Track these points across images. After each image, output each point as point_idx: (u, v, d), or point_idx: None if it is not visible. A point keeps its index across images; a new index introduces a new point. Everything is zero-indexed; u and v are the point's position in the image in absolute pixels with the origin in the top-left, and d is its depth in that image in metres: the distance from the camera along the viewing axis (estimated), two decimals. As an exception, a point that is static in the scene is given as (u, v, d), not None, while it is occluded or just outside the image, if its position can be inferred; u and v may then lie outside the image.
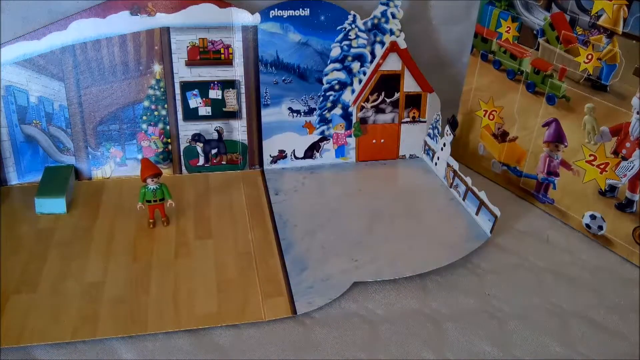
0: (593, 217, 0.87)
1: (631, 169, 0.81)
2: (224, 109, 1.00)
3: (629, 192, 0.82)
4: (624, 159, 0.81)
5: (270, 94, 1.00)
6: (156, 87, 0.97)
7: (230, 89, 0.99)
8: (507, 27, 0.94)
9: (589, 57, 0.83)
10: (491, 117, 0.99)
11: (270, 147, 1.03)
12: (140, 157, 1.00)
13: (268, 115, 1.01)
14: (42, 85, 0.93)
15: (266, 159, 1.04)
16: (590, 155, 0.86)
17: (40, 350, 0.67)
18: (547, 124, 0.91)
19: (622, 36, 0.78)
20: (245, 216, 0.91)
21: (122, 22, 0.92)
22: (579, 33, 0.84)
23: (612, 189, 0.84)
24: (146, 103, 0.97)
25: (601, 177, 0.85)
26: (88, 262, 0.79)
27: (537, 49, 0.90)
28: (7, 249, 0.81)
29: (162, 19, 0.93)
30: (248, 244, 0.84)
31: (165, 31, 0.94)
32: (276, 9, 0.95)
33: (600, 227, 0.87)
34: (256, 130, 1.02)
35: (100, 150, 0.98)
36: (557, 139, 0.90)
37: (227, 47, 0.96)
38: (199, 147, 1.01)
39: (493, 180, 1.02)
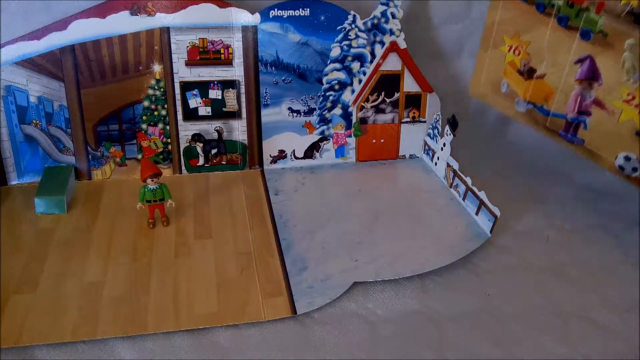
0: (627, 158, 0.83)
1: None
2: (224, 109, 1.00)
3: None
4: None
5: (270, 94, 1.00)
6: (156, 87, 0.97)
7: (230, 89, 0.99)
8: None
9: None
10: (517, 52, 0.94)
11: (270, 147, 1.03)
12: (140, 157, 1.00)
13: (268, 115, 1.01)
14: (42, 85, 0.93)
15: (266, 159, 1.04)
16: (628, 94, 0.80)
17: (40, 350, 0.67)
18: (580, 61, 0.85)
19: None
20: (245, 216, 0.91)
21: (122, 22, 0.92)
22: None
23: None
24: (146, 103, 0.97)
25: (639, 117, 0.79)
26: (88, 262, 0.79)
27: None
28: (7, 249, 0.81)
29: (162, 19, 0.93)
30: (248, 243, 0.84)
31: (165, 31, 0.94)
32: (276, 9, 0.95)
33: (635, 169, 0.82)
34: (256, 130, 1.02)
35: (100, 150, 0.98)
36: (591, 76, 0.84)
37: (227, 47, 0.96)
38: (199, 147, 1.01)
39: (516, 119, 0.98)
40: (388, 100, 1.05)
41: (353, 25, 0.98)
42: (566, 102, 0.89)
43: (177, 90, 0.97)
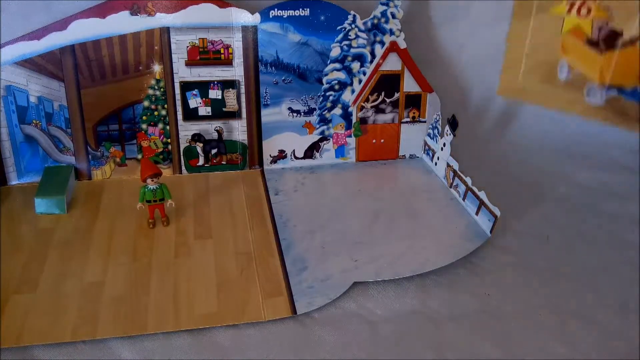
0: None
1: None
2: (224, 109, 1.00)
3: None
4: None
5: (270, 94, 1.00)
6: (156, 87, 0.97)
7: (230, 89, 0.99)
8: None
9: None
10: (585, 11, 0.60)
11: (270, 147, 1.03)
12: (140, 157, 1.00)
13: (268, 115, 1.01)
14: (42, 85, 0.93)
15: (266, 159, 1.04)
16: None
17: (40, 350, 0.67)
18: None
19: None
20: (245, 216, 0.91)
21: (122, 22, 0.92)
22: None
23: None
24: (146, 103, 0.97)
25: None
26: (88, 262, 0.79)
27: None
28: (7, 249, 0.81)
29: (162, 19, 0.93)
30: (248, 243, 0.84)
31: (165, 31, 0.94)
32: (276, 9, 0.95)
33: None
34: (256, 130, 1.02)
35: (100, 150, 0.98)
36: None
37: (227, 47, 0.96)
38: (199, 147, 1.01)
39: (588, 116, 0.67)
40: (388, 100, 1.05)
41: (353, 25, 0.98)
42: None
43: (177, 90, 0.97)
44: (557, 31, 0.60)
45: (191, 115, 0.99)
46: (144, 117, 0.98)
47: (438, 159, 1.02)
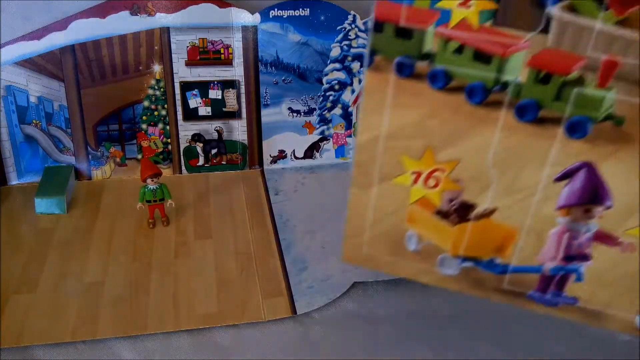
0: None
1: None
2: (224, 109, 1.00)
3: None
4: None
5: (270, 94, 1.00)
6: (156, 87, 0.97)
7: (230, 89, 0.99)
8: None
9: None
10: (432, 182, 0.53)
11: (270, 147, 1.03)
12: (140, 157, 1.00)
13: (268, 115, 1.01)
14: (42, 85, 0.93)
15: (266, 159, 1.04)
16: None
17: (40, 350, 0.67)
18: (566, 176, 0.49)
19: None
20: (245, 216, 0.91)
21: (122, 22, 0.92)
22: None
23: None
24: (146, 103, 0.97)
25: None
26: (88, 262, 0.79)
27: (545, 30, 0.43)
28: (7, 249, 0.81)
29: (162, 19, 0.93)
30: (248, 244, 0.84)
31: (165, 31, 0.94)
32: (276, 9, 0.95)
33: None
34: (256, 130, 1.02)
35: (100, 150, 0.98)
36: (591, 198, 0.50)
37: (227, 47, 0.96)
38: (199, 147, 1.01)
39: (442, 287, 0.61)
40: (388, 100, 1.05)
41: (353, 25, 0.98)
42: (539, 247, 0.54)
43: (177, 90, 0.97)
44: (403, 201, 0.54)
45: (191, 115, 0.99)
46: (144, 117, 0.98)
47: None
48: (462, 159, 0.51)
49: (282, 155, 1.04)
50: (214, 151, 1.02)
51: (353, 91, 1.03)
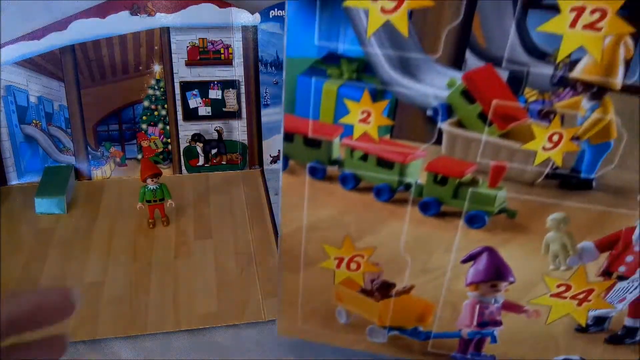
0: None
1: (634, 289, 0.55)
2: (223, 109, 1.00)
3: (630, 318, 0.58)
4: (622, 278, 0.55)
5: (270, 94, 1.00)
6: (156, 87, 0.97)
7: (230, 89, 0.99)
8: (365, 111, 0.47)
9: (555, 138, 0.47)
10: (354, 265, 0.59)
11: (270, 147, 1.03)
12: (140, 157, 1.00)
13: (268, 115, 1.01)
14: (42, 85, 0.93)
15: (266, 159, 1.04)
16: (559, 286, 0.56)
17: (40, 350, 0.67)
18: (471, 258, 0.57)
19: (622, 92, 0.43)
20: (245, 216, 0.91)
21: (122, 22, 0.92)
22: (531, 99, 0.45)
23: (600, 321, 0.59)
24: (146, 103, 0.97)
25: (580, 309, 0.57)
26: (88, 262, 0.79)
27: (438, 142, 0.49)
28: (7, 249, 0.81)
29: (162, 19, 0.93)
30: (248, 244, 0.84)
31: (165, 31, 0.94)
32: (276, 9, 0.95)
33: None
34: (256, 130, 1.02)
35: (100, 150, 0.98)
36: (495, 275, 0.57)
37: (227, 47, 0.96)
38: (199, 147, 1.01)
39: (375, 352, 0.65)
40: (388, 101, 1.05)
41: (353, 25, 0.98)
42: (456, 316, 0.60)
43: (177, 90, 0.97)
44: (330, 282, 0.60)
45: (191, 115, 0.99)
46: (144, 117, 0.98)
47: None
48: (378, 246, 0.56)
49: (282, 155, 1.04)
50: (214, 151, 1.02)
51: (353, 91, 1.03)
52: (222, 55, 0.97)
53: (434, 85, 0.42)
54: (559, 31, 0.38)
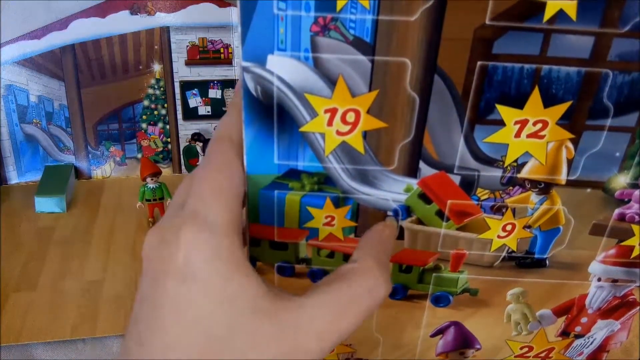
0: None
1: (590, 344, 0.60)
2: (223, 109, 1.00)
3: None
4: (579, 336, 0.60)
5: (270, 93, 1.00)
6: (156, 87, 0.97)
7: (230, 89, 0.99)
8: (328, 216, 0.52)
9: (508, 228, 0.52)
10: None
11: (269, 146, 1.03)
12: (140, 156, 1.00)
13: (267, 115, 1.01)
14: (42, 84, 0.93)
15: (266, 158, 1.04)
16: (522, 347, 0.61)
17: (40, 348, 0.67)
18: (440, 332, 0.61)
19: (566, 186, 0.49)
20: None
21: (122, 22, 0.92)
22: (483, 198, 0.50)
23: None
24: (146, 102, 0.97)
25: None
26: (88, 261, 0.79)
27: (401, 237, 0.53)
28: (7, 248, 0.81)
29: (161, 19, 0.93)
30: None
31: (165, 31, 0.94)
32: (276, 9, 0.96)
33: None
34: (256, 129, 1.02)
35: (100, 149, 0.98)
36: (462, 344, 0.62)
37: (227, 46, 0.97)
38: (199, 146, 1.01)
39: None
40: (387, 100, 1.05)
41: (352, 25, 0.99)
42: None
43: (177, 90, 0.98)
44: None
45: (191, 114, 1.00)
46: (144, 117, 0.98)
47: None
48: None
49: (281, 154, 1.05)
50: (213, 150, 1.02)
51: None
52: (222, 55, 0.97)
53: (392, 191, 0.46)
54: (505, 141, 0.42)
